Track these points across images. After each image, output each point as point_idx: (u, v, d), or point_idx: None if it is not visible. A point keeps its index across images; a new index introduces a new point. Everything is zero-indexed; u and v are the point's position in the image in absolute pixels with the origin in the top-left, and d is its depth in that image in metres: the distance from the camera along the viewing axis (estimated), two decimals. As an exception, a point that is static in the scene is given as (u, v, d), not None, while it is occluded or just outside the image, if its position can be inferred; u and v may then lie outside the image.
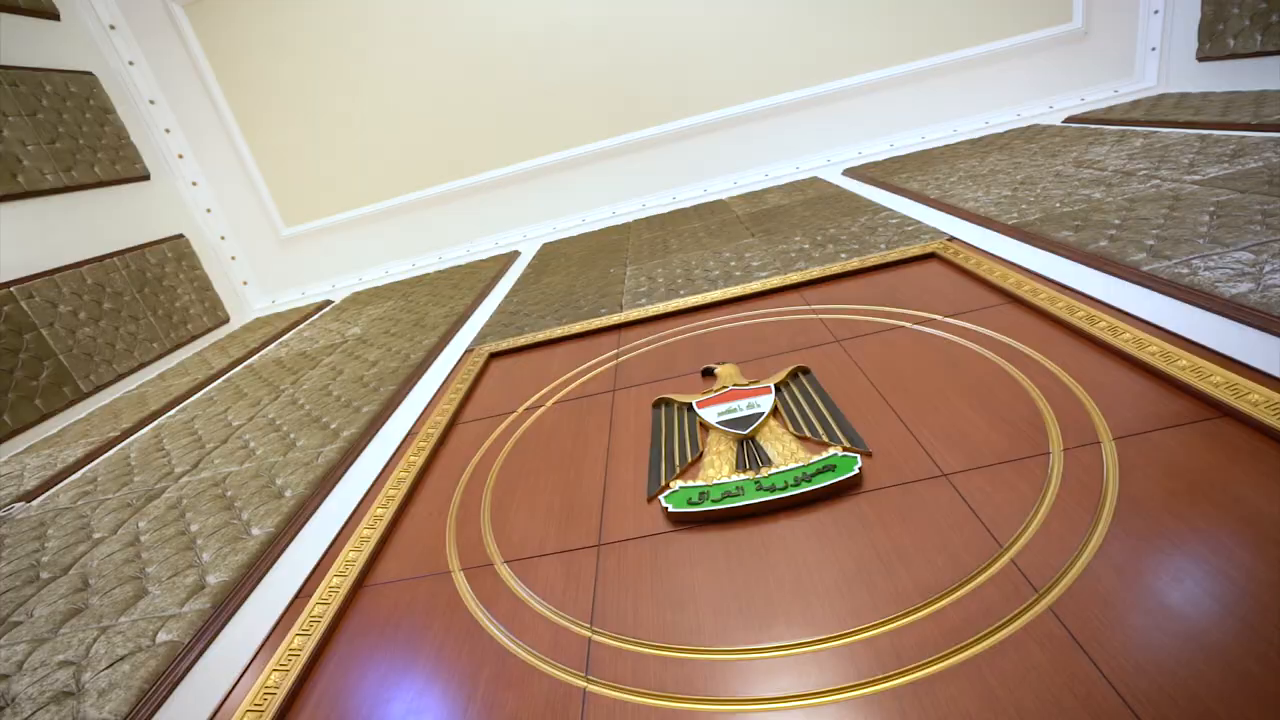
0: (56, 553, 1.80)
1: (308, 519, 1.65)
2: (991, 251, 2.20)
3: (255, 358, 3.64)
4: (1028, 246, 2.18)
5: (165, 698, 1.14)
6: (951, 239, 2.40)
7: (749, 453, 1.38)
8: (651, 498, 1.33)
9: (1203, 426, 1.11)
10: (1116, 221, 2.13)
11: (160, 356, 4.02)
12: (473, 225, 4.93)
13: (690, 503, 1.24)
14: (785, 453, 1.34)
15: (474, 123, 4.61)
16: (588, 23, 4.32)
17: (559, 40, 4.37)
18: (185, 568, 1.53)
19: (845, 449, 1.30)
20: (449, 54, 4.43)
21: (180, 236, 4.47)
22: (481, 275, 4.04)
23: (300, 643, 1.14)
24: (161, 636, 1.29)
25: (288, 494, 1.77)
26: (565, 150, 4.69)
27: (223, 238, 4.83)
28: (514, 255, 4.47)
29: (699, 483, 1.30)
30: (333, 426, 2.18)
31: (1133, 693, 0.74)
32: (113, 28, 4.28)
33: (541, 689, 0.94)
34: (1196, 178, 2.33)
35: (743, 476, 1.28)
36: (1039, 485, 1.08)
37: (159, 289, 4.16)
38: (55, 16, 3.96)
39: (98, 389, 3.57)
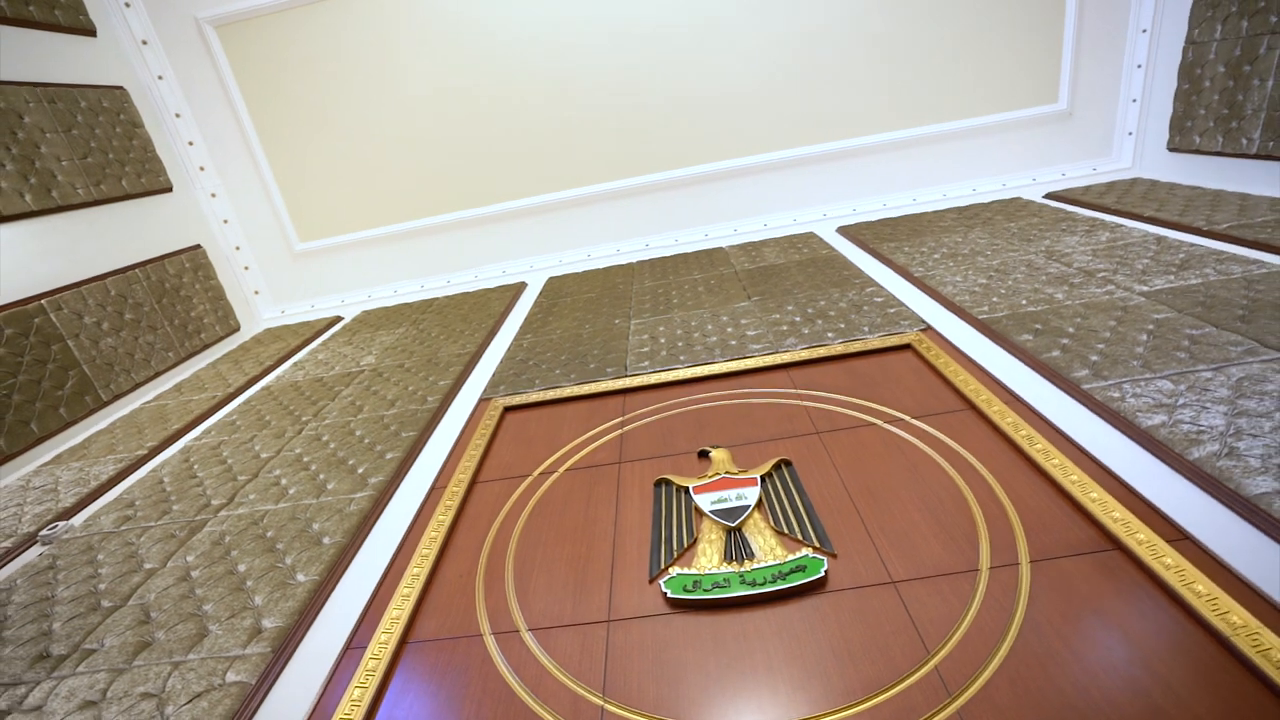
0: (112, 581, 2.01)
1: (346, 568, 1.88)
2: (960, 346, 2.48)
3: (271, 377, 3.84)
4: (992, 345, 2.46)
5: (240, 734, 1.37)
6: (927, 329, 2.67)
7: (735, 544, 1.63)
8: (653, 579, 1.58)
9: (1100, 557, 1.39)
10: (1071, 330, 2.42)
11: (175, 365, 4.20)
12: (481, 253, 5.15)
13: (685, 590, 1.49)
14: (766, 547, 1.60)
15: (489, 155, 4.83)
16: (605, 71, 4.57)
17: (575, 84, 4.61)
18: (240, 609, 1.75)
19: (815, 550, 1.56)
20: (469, 89, 4.65)
21: (198, 247, 4.65)
22: (490, 308, 4.26)
23: (359, 694, 1.37)
24: (230, 676, 1.52)
25: (326, 541, 2.00)
26: (575, 188, 4.93)
27: (238, 248, 5.01)
28: (521, 287, 4.70)
29: (693, 571, 1.55)
30: (360, 471, 2.40)
31: (1010, 788, 1.00)
32: (144, 43, 4.45)
33: (564, 753, 1.19)
34: (1145, 289, 2.62)
35: (729, 569, 1.54)
36: (966, 600, 1.35)
37: (176, 299, 4.34)
38: (92, 33, 4.12)
39: (116, 398, 3.75)
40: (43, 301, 3.43)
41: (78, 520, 2.48)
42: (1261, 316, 2.19)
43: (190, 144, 4.69)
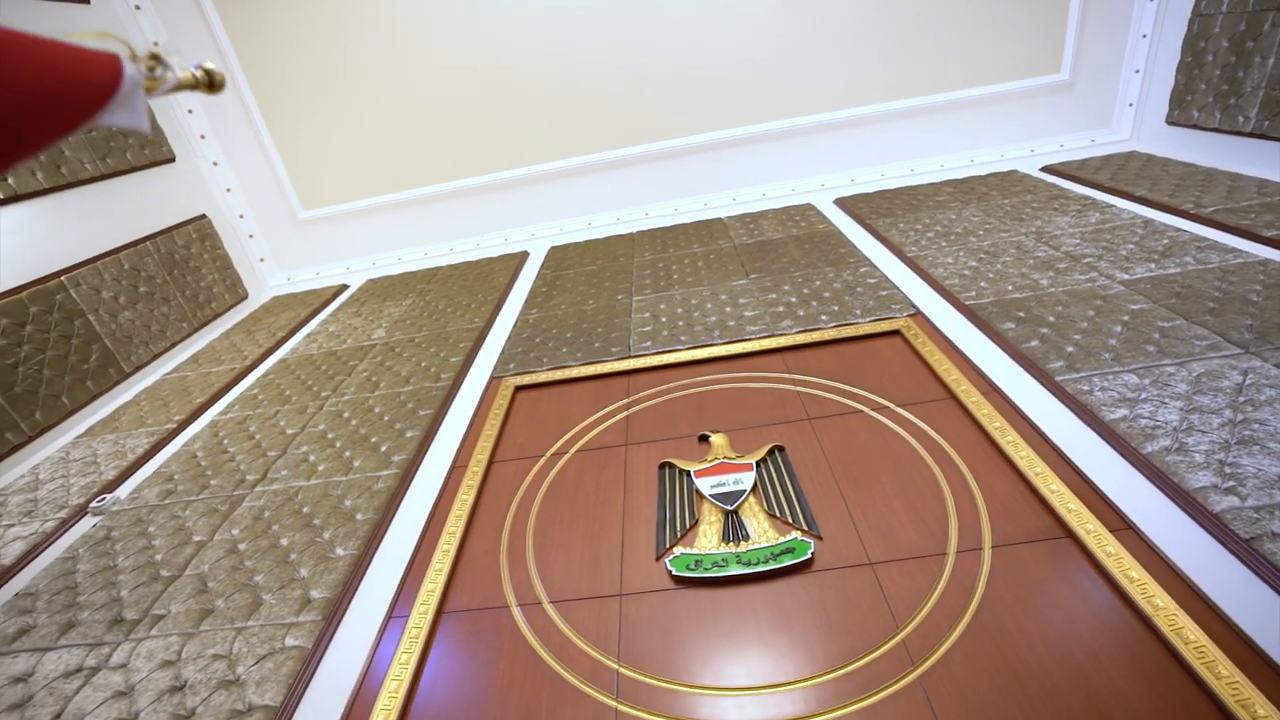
0: (167, 552, 2.21)
1: (380, 542, 2.08)
2: (946, 333, 2.63)
3: (285, 349, 3.98)
4: (976, 332, 2.61)
5: (304, 690, 1.59)
6: (916, 314, 2.81)
7: (733, 525, 1.83)
8: (659, 557, 1.78)
9: (1052, 544, 1.58)
10: (1051, 319, 2.56)
11: (189, 335, 4.34)
12: (483, 221, 5.20)
13: (688, 568, 1.69)
14: (760, 529, 1.79)
15: (490, 123, 4.83)
16: (606, 40, 4.52)
17: (577, 54, 4.57)
18: (289, 581, 1.96)
19: (803, 533, 1.75)
20: (470, 56, 4.61)
21: (203, 217, 4.70)
22: (494, 280, 4.36)
23: (406, 658, 1.59)
24: (289, 641, 1.73)
25: (359, 517, 2.20)
26: (575, 157, 4.95)
27: (241, 216, 5.05)
28: (523, 256, 4.78)
29: (694, 551, 1.75)
30: (383, 450, 2.58)
31: (957, 740, 1.22)
32: (138, 8, 4.37)
33: (588, 708, 1.41)
34: (1126, 277, 2.75)
35: (727, 549, 1.73)
36: (933, 581, 1.55)
37: (186, 270, 4.43)
38: (85, 0, 4.06)
39: (137, 369, 3.90)
40: (62, 279, 3.52)
41: (122, 493, 2.67)
42: (1229, 310, 2.34)
43: (189, 112, 4.68)
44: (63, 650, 1.82)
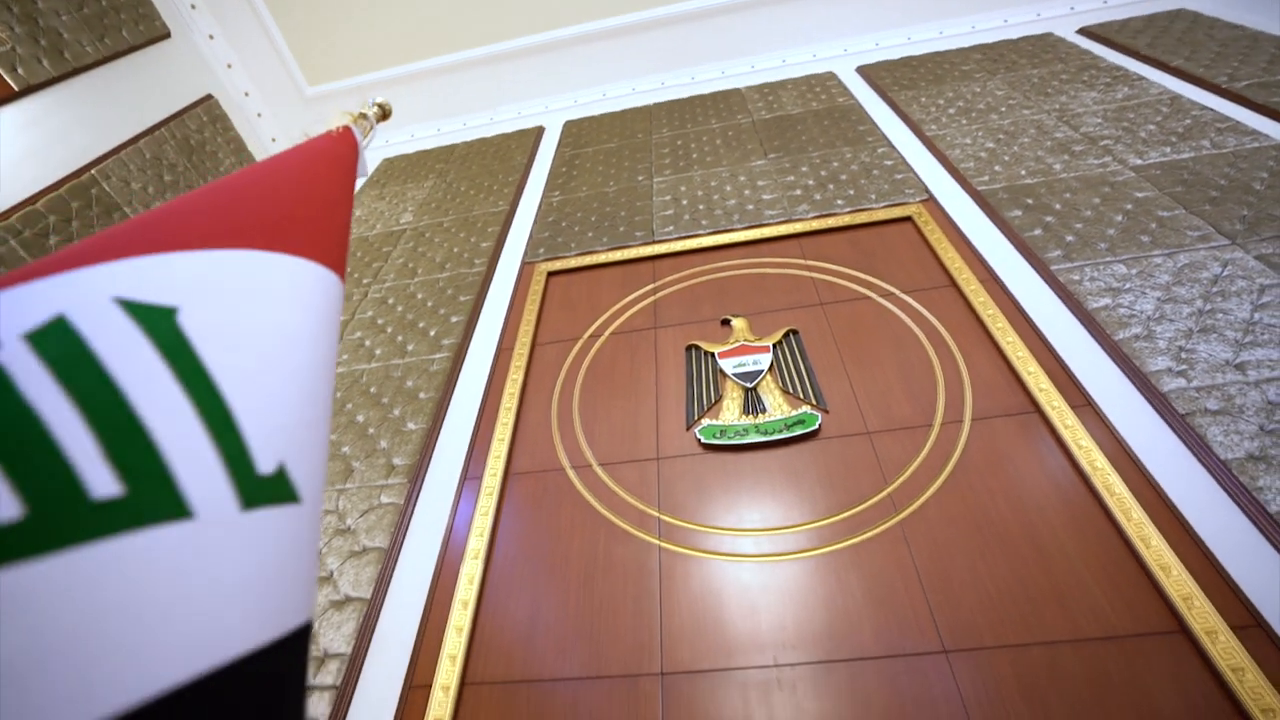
0: (260, 427, 2.57)
1: (444, 418, 2.41)
2: (955, 219, 2.76)
3: (316, 235, 4.12)
4: (984, 218, 2.74)
5: (404, 536, 2.00)
6: (928, 199, 2.92)
7: (752, 400, 2.13)
8: (689, 428, 2.11)
9: (1022, 418, 1.88)
10: (1058, 206, 2.67)
11: (218, 221, 4.45)
12: (496, 93, 5.06)
13: (714, 437, 2.02)
14: (775, 404, 2.09)
15: (495, -15, 4.53)
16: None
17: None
18: (372, 451, 2.32)
19: (813, 407, 2.05)
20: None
21: (209, 98, 4.61)
22: (512, 159, 4.37)
23: (485, 510, 1.97)
24: (384, 499, 2.12)
25: (422, 396, 2.52)
26: (588, 23, 4.69)
27: (246, 94, 4.93)
28: (539, 131, 4.72)
29: (719, 422, 2.07)
30: (432, 334, 2.85)
31: (928, 577, 1.59)
32: None
33: (636, 545, 1.80)
34: (1139, 162, 2.81)
35: (748, 421, 2.05)
36: (919, 447, 1.87)
37: (204, 155, 4.45)
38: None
39: (177, 255, 4.09)
40: (92, 171, 3.60)
41: (202, 375, 3.00)
42: (1229, 200, 2.45)
43: (174, -25, 4.39)
44: (201, 505, 2.23)
